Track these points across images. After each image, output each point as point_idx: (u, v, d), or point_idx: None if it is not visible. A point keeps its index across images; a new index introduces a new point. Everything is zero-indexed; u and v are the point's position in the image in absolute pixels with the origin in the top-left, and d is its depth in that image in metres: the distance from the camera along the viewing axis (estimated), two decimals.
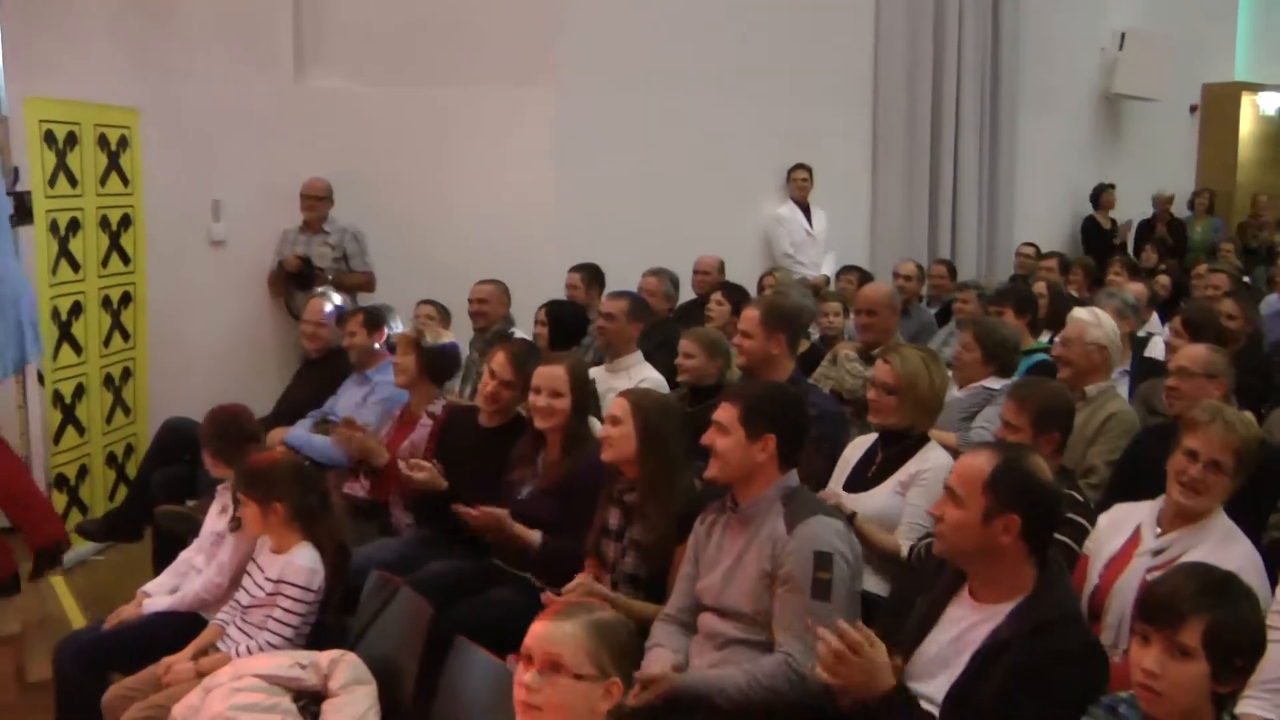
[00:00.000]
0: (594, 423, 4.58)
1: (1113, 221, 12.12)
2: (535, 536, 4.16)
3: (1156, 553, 3.45)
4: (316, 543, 3.86)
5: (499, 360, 4.75)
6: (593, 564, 3.94)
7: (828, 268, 9.36)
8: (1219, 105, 13.91)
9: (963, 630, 2.89)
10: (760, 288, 7.79)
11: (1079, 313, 5.41)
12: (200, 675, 3.66)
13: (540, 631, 2.44)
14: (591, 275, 7.50)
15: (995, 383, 5.27)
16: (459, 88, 8.26)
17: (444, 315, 6.68)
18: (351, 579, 3.99)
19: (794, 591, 3.23)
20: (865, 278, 8.05)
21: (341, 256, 7.75)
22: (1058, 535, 3.41)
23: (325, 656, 3.53)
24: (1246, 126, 14.19)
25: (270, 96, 7.93)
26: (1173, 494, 3.46)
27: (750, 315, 5.08)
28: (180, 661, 3.80)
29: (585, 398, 4.44)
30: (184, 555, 4.38)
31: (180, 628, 4.00)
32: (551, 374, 4.33)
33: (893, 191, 10.26)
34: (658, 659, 3.30)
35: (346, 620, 3.93)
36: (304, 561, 3.81)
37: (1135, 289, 7.68)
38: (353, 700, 3.42)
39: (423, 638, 3.54)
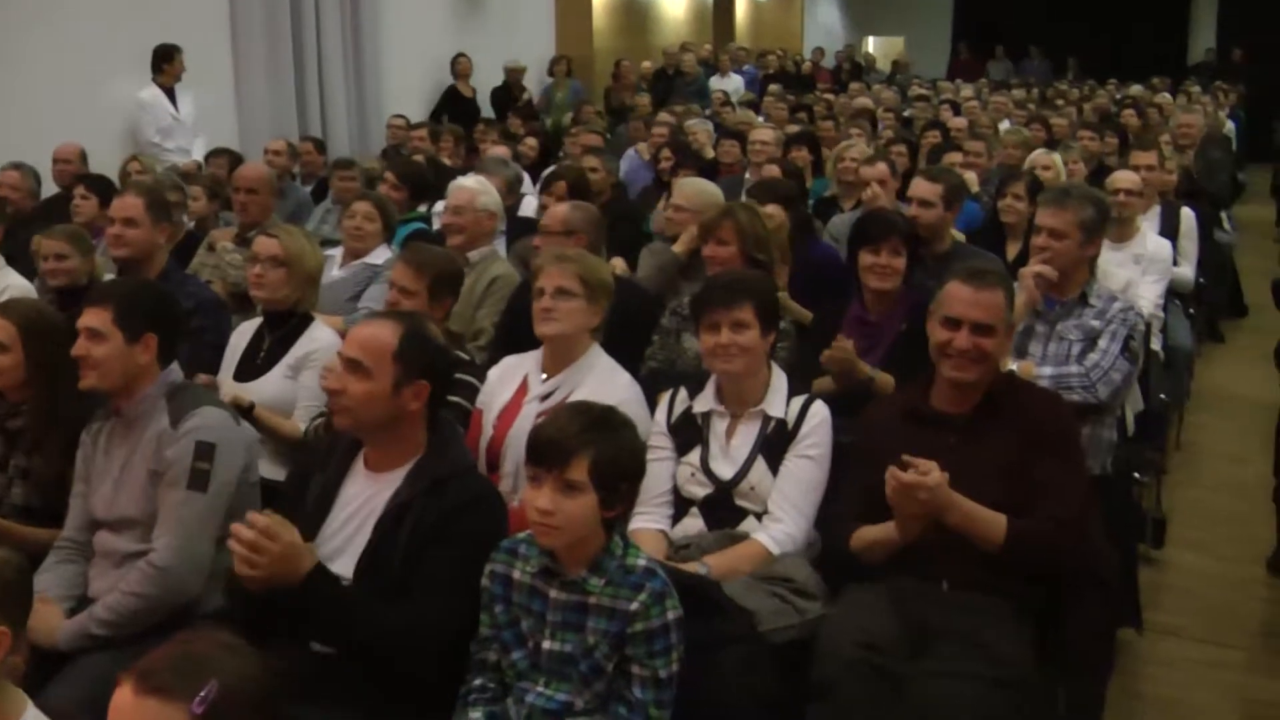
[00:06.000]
0: None
1: (473, 89, 12.46)
2: None
3: (544, 397, 3.58)
4: None
5: None
6: None
7: (198, 152, 8.88)
8: None
9: (363, 501, 2.85)
10: (124, 175, 7.22)
11: (466, 181, 5.53)
12: None
13: None
14: None
15: (378, 258, 5.33)
16: None
17: None
18: None
19: (172, 484, 3.09)
20: (236, 160, 7.70)
21: None
22: (450, 397, 3.45)
23: None
24: None
25: None
26: (537, 329, 3.62)
27: (134, 203, 4.72)
28: None
29: None
30: None
31: None
32: None
33: (256, 70, 9.91)
34: (43, 616, 2.99)
35: None
36: None
37: (501, 151, 7.95)
38: None
39: None
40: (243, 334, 4.31)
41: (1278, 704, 4.04)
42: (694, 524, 3.30)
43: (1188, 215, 6.62)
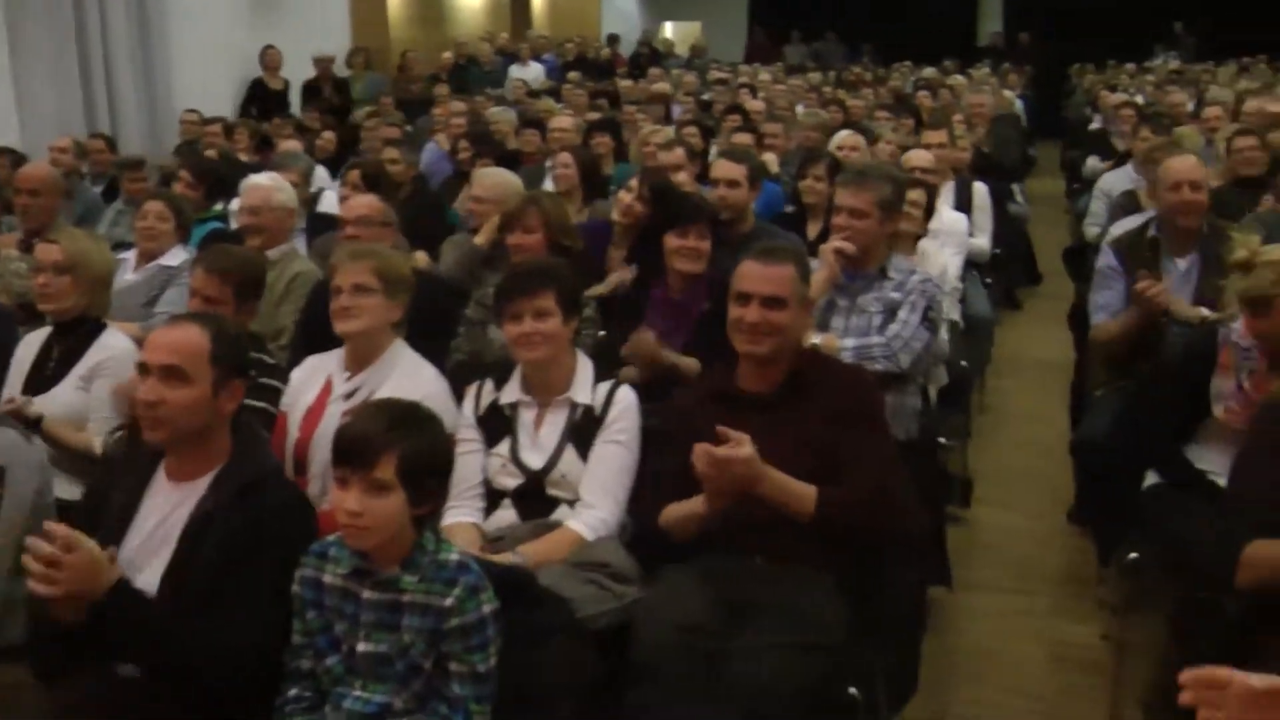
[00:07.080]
0: None
1: (285, 82, 12.15)
2: None
3: (348, 395, 3.52)
4: None
5: None
6: None
7: None
8: None
9: (167, 513, 2.74)
10: None
11: (259, 180, 5.37)
12: None
13: None
14: None
15: (174, 259, 5.13)
16: None
17: None
18: None
19: None
20: (19, 159, 7.28)
21: None
22: (252, 401, 3.38)
23: None
24: None
25: None
26: (336, 327, 3.56)
27: None
28: None
29: None
30: None
31: None
32: None
33: (36, 66, 9.47)
34: None
35: None
36: None
37: (291, 146, 7.78)
38: None
39: None
40: (29, 345, 4.07)
41: (1081, 644, 4.22)
42: (507, 515, 3.27)
43: (980, 189, 6.84)
